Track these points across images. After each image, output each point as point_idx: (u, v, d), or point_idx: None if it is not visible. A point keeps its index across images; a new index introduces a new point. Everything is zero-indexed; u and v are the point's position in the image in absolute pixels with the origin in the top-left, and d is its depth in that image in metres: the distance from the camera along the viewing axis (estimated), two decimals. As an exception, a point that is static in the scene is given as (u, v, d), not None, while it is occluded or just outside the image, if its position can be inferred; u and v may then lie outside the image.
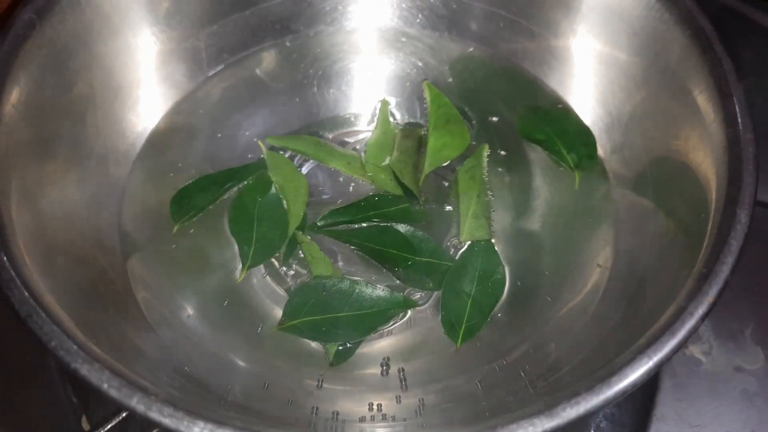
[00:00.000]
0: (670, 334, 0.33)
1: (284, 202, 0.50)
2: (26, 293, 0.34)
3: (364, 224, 0.50)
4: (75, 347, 0.33)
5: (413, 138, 0.54)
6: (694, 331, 0.34)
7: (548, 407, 0.32)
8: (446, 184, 0.53)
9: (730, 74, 0.40)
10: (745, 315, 0.51)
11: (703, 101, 0.42)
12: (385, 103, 0.56)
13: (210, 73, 0.57)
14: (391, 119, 0.55)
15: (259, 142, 0.53)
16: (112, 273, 0.46)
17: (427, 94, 0.55)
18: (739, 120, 0.39)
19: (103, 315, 0.42)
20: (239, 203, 0.50)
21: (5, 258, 0.35)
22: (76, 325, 0.35)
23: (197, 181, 0.51)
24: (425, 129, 0.54)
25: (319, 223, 0.50)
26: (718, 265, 0.35)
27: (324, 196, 0.52)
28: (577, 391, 0.32)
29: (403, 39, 0.59)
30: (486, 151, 0.53)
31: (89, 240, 0.46)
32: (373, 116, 0.56)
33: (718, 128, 0.41)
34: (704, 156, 0.41)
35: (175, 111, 0.55)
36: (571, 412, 0.31)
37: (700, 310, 0.34)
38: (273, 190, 0.51)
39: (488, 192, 0.51)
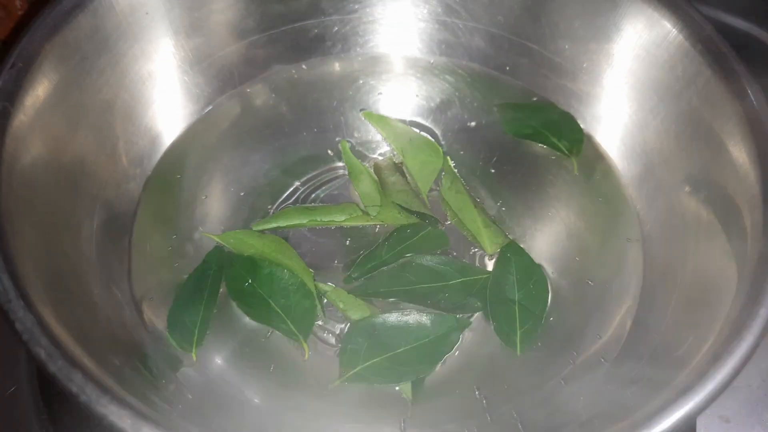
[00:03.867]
0: None
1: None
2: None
3: (384, 268, 0.47)
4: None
5: (392, 168, 0.52)
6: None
7: (700, 375, 0.31)
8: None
9: (758, 99, 0.41)
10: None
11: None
12: (344, 144, 0.53)
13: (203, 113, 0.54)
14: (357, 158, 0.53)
15: (209, 235, 0.48)
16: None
17: (372, 123, 0.54)
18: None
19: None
20: (240, 294, 0.45)
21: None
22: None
23: (176, 301, 0.45)
24: (394, 155, 0.53)
25: (354, 275, 0.47)
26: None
27: (329, 255, 0.48)
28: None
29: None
30: (451, 162, 0.53)
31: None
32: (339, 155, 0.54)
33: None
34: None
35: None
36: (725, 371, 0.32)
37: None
38: (256, 262, 0.46)
39: (477, 199, 0.51)
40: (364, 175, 0.52)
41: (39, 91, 0.41)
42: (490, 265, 0.48)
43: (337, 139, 0.54)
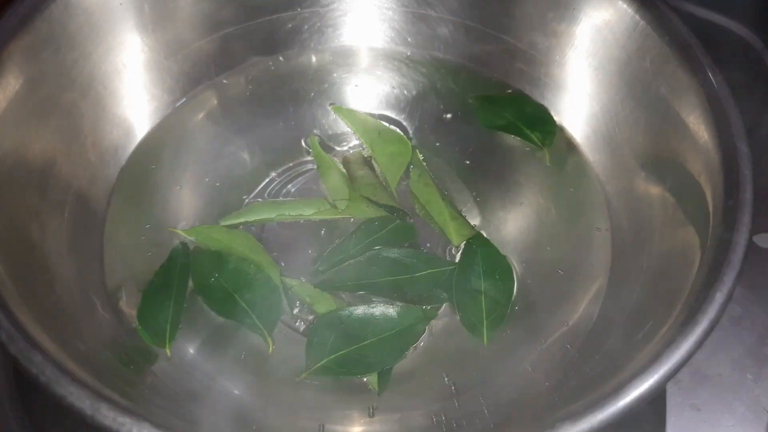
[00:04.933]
0: (728, 266, 0.35)
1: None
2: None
3: (351, 261, 0.47)
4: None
5: (361, 161, 0.53)
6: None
7: (653, 358, 0.32)
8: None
9: (721, 90, 0.42)
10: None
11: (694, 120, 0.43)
12: (313, 139, 0.54)
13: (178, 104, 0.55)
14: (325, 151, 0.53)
15: (175, 230, 0.48)
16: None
17: (340, 117, 0.55)
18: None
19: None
20: (205, 289, 0.45)
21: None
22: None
23: (145, 299, 0.45)
24: (363, 148, 0.54)
25: (320, 268, 0.47)
26: (741, 194, 0.37)
27: (300, 249, 0.49)
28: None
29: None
30: (419, 155, 0.53)
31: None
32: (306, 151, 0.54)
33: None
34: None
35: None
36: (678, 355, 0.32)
37: (742, 239, 0.36)
38: (223, 257, 0.46)
39: (444, 191, 0.51)
40: (332, 170, 0.52)
41: (10, 82, 0.41)
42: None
43: (314, 131, 0.54)
